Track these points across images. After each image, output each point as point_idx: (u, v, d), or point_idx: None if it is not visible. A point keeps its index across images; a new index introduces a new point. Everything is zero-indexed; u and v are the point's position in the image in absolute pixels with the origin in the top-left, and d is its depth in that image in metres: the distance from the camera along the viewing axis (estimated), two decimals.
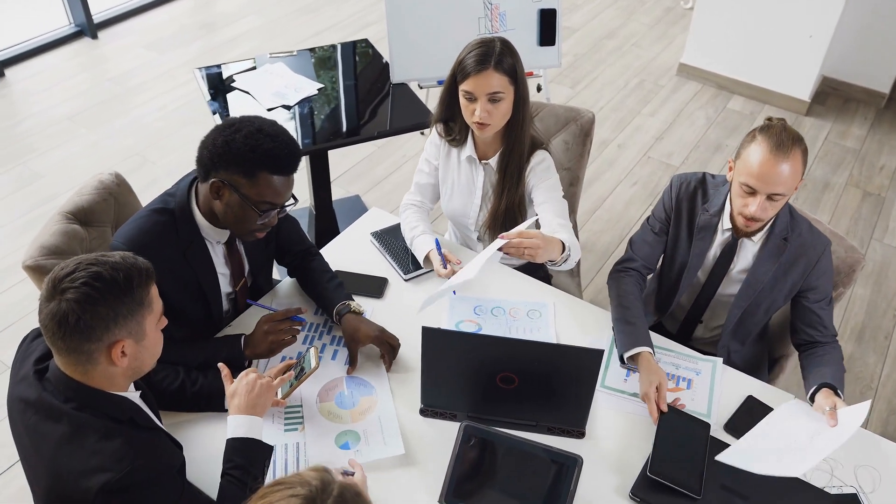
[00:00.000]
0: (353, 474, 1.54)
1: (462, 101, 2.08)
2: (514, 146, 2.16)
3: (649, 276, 2.23)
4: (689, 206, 2.09)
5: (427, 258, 2.19)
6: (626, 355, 1.91)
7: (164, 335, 1.49)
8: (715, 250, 2.07)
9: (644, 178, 4.10)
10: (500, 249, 1.83)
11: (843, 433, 1.69)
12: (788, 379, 2.33)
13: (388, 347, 1.90)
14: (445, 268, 2.13)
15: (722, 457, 1.72)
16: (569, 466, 1.61)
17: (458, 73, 2.05)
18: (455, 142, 2.25)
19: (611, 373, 1.95)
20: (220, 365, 1.71)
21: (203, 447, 1.69)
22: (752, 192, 1.85)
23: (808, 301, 2.02)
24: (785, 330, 2.19)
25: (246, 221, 1.77)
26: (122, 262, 1.35)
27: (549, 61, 3.40)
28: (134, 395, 1.46)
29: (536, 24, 3.32)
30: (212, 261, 1.91)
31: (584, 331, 2.07)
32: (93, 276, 1.30)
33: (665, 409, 1.79)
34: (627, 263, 2.17)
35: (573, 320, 2.10)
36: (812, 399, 1.85)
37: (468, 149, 2.23)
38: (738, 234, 2.01)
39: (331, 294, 2.01)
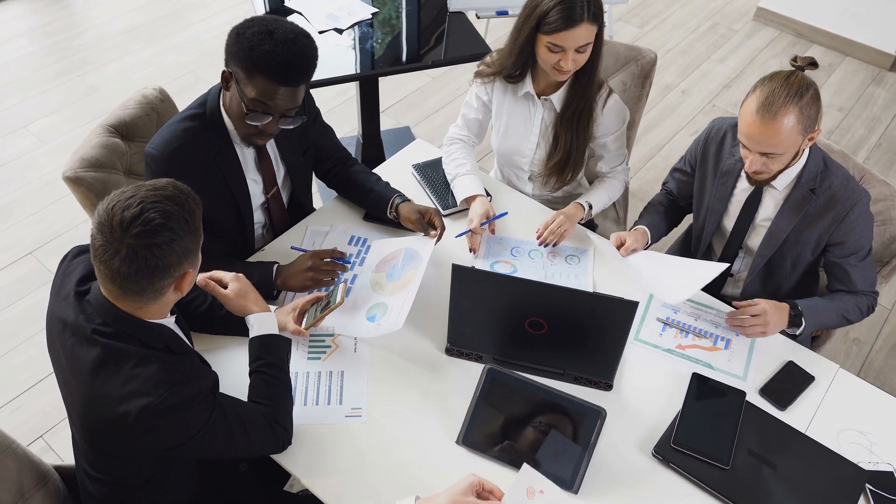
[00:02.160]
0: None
1: (543, 49, 1.96)
2: (586, 88, 2.06)
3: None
4: (716, 149, 2.02)
5: (466, 199, 2.12)
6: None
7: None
8: (739, 197, 2.00)
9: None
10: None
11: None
12: (835, 347, 2.23)
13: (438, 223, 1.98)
14: (482, 226, 2.05)
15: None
16: (592, 418, 1.57)
17: (543, 25, 1.91)
18: (514, 79, 2.14)
19: (645, 326, 1.88)
20: (200, 277, 1.66)
21: (231, 370, 1.69)
22: (746, 148, 1.78)
23: (833, 256, 1.93)
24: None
25: (238, 117, 1.76)
26: (180, 194, 1.33)
27: None
28: (170, 320, 1.46)
29: None
30: (241, 167, 1.89)
31: (622, 281, 1.99)
32: (163, 214, 1.28)
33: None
34: (665, 190, 2.25)
35: (613, 269, 2.03)
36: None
37: (527, 84, 2.12)
38: (759, 183, 1.92)
39: (382, 191, 2.07)
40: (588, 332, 1.68)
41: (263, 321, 1.62)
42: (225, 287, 1.65)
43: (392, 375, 1.74)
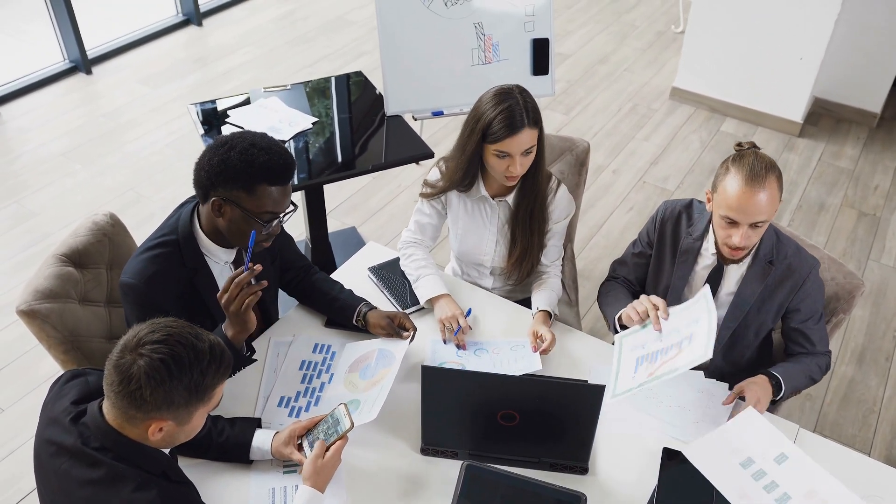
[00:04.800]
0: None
1: (491, 158, 2.05)
2: (536, 186, 2.16)
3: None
4: (672, 229, 2.12)
5: (430, 300, 2.17)
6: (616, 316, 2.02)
7: None
8: (700, 274, 2.08)
9: (640, 203, 4.10)
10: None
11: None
12: (790, 404, 2.32)
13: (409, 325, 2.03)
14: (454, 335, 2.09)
15: (688, 452, 1.72)
16: None
17: (489, 135, 2.02)
18: (465, 188, 2.22)
19: (620, 381, 1.85)
20: (288, 433, 1.70)
21: (220, 498, 1.67)
22: (734, 223, 1.86)
23: (793, 321, 2.05)
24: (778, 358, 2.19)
25: (245, 234, 1.80)
26: (207, 352, 1.34)
27: (543, 90, 3.41)
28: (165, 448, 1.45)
29: (530, 54, 3.33)
30: (216, 283, 1.92)
31: (579, 363, 2.05)
32: (173, 356, 1.29)
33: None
34: (619, 277, 2.29)
35: (570, 352, 2.08)
36: None
37: (480, 189, 2.21)
38: (725, 261, 2.03)
39: (347, 299, 2.10)
40: (559, 418, 1.72)
41: (314, 498, 1.59)
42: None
43: (369, 480, 1.74)
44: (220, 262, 1.92)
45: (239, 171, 1.73)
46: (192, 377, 1.31)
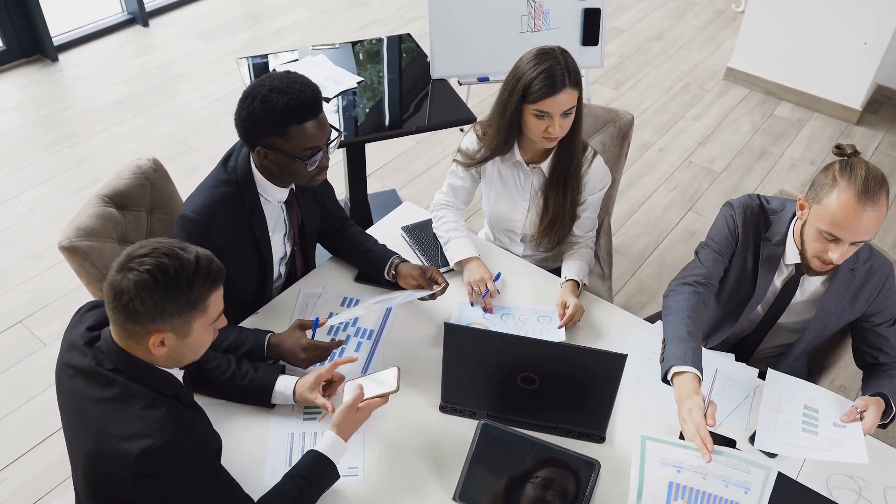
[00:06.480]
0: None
1: (530, 119, 2.03)
2: (571, 154, 2.13)
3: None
4: (754, 234, 1.95)
5: (459, 262, 2.17)
6: (674, 370, 1.72)
7: None
8: (777, 283, 1.96)
9: (684, 183, 4.03)
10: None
11: (843, 454, 1.69)
12: None
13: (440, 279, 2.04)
14: (482, 298, 2.10)
15: (759, 445, 1.70)
16: (587, 471, 1.60)
17: (528, 95, 1.99)
18: (502, 152, 2.20)
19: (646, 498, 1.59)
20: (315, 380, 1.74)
21: (238, 440, 1.72)
22: (835, 240, 1.71)
23: (872, 325, 1.93)
24: (825, 346, 2.15)
25: (300, 172, 1.86)
26: (193, 261, 1.37)
27: (592, 61, 3.37)
28: (177, 373, 1.49)
29: (580, 24, 3.29)
30: (268, 226, 1.98)
31: (594, 336, 2.05)
32: (159, 267, 1.33)
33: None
34: (697, 278, 1.96)
35: (583, 326, 2.07)
36: None
37: (515, 154, 2.19)
38: (809, 272, 1.90)
39: (380, 252, 2.12)
40: (579, 385, 1.72)
41: (337, 445, 1.61)
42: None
43: (387, 434, 1.77)
44: (273, 200, 1.97)
45: (265, 119, 1.76)
46: (180, 287, 1.34)
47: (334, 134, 1.88)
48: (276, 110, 1.75)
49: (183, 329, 1.39)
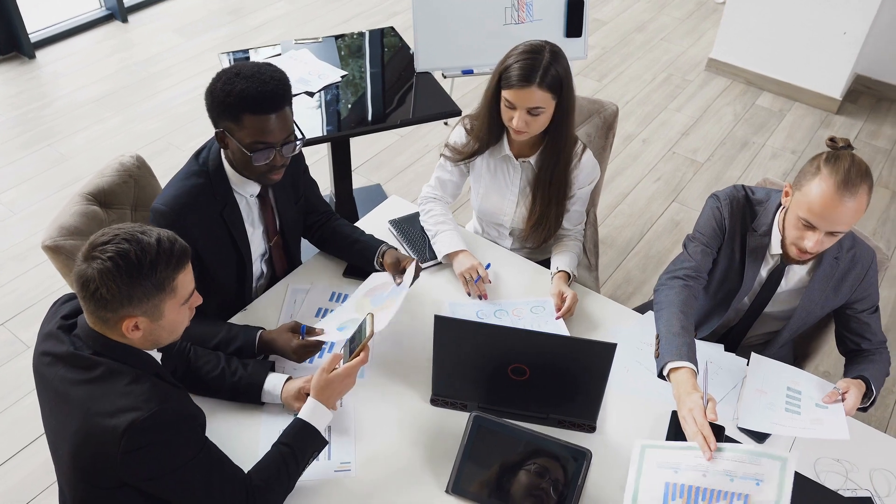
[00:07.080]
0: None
1: (502, 106, 2.04)
2: (559, 150, 2.12)
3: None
4: (740, 225, 1.96)
5: (447, 256, 2.17)
6: (670, 366, 1.73)
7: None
8: (763, 273, 1.98)
9: (668, 173, 4.05)
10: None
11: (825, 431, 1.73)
12: None
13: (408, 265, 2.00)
14: (473, 293, 2.11)
15: (742, 423, 1.74)
16: (578, 460, 1.61)
17: (503, 80, 2.00)
18: (490, 143, 2.20)
19: (643, 491, 1.60)
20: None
21: (230, 434, 1.71)
22: (811, 227, 1.74)
23: (854, 312, 1.96)
24: (809, 333, 2.17)
25: (248, 165, 1.81)
26: (154, 244, 1.36)
27: (575, 53, 3.37)
28: (156, 355, 1.50)
29: (563, 15, 3.29)
30: (243, 219, 1.95)
31: (586, 325, 2.05)
32: (120, 253, 1.33)
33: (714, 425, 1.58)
34: (686, 271, 1.96)
35: (576, 316, 2.08)
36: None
37: (503, 148, 2.19)
38: (789, 261, 1.92)
39: (368, 241, 2.11)
40: (569, 375, 1.72)
41: (319, 412, 1.61)
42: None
43: (379, 428, 1.76)
44: (245, 194, 1.94)
45: (222, 101, 1.73)
46: (143, 270, 1.34)
47: (298, 145, 1.84)
48: (231, 94, 1.72)
49: (154, 312, 1.40)
